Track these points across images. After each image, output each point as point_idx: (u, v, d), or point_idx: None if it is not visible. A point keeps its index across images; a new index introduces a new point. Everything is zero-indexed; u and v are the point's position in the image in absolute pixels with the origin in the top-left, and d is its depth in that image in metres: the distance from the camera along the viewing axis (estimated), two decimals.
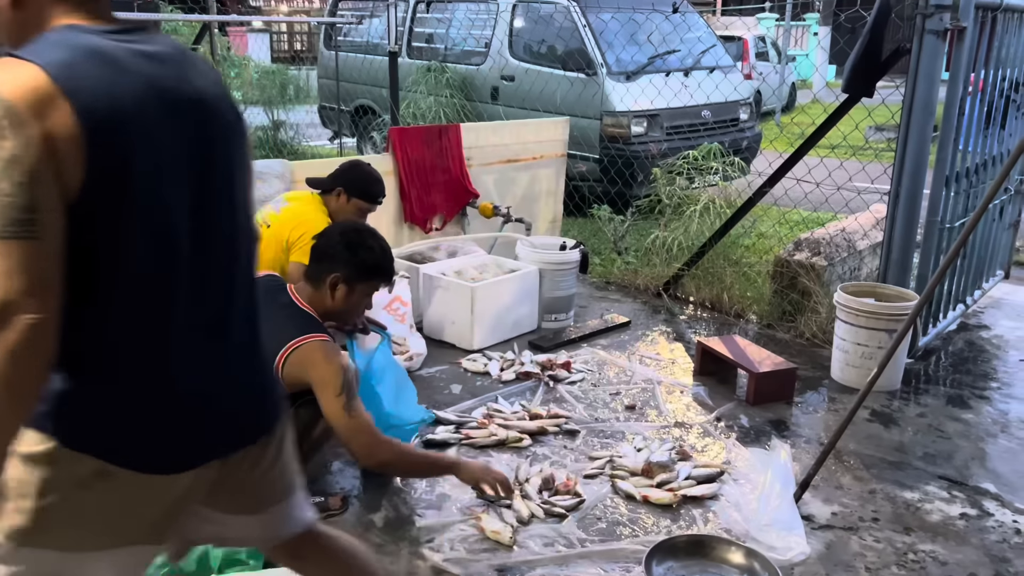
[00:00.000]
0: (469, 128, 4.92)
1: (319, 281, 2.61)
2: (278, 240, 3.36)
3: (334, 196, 3.50)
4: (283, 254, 3.35)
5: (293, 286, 2.66)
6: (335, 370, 2.40)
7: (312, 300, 2.62)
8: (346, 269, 2.60)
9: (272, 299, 2.60)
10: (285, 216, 3.43)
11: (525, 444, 3.19)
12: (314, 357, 2.42)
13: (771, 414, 3.54)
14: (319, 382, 2.40)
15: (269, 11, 25.25)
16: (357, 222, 2.85)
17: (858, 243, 4.69)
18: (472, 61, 8.32)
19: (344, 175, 3.53)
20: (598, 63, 7.16)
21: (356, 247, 2.63)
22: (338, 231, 2.70)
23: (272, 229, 3.38)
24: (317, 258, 2.66)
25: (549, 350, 4.11)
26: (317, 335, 2.47)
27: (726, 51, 8.39)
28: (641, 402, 3.61)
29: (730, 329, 4.54)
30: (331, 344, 2.48)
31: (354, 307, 2.71)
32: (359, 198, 3.53)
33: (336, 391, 2.38)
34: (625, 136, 7.04)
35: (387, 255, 2.72)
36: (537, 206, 5.40)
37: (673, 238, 5.34)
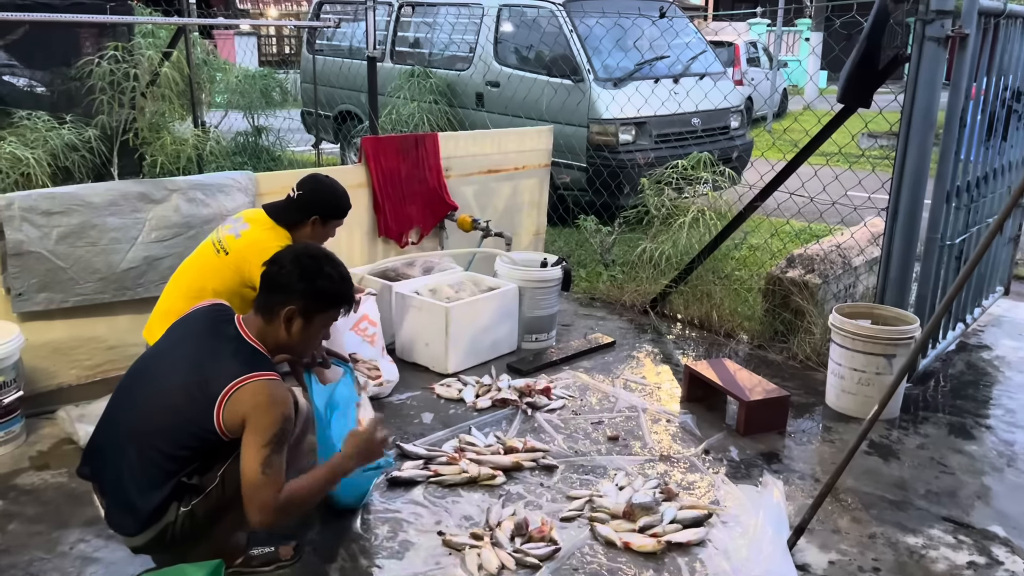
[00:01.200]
0: (447, 137, 4.69)
1: (271, 314, 2.37)
2: (237, 271, 3.05)
3: (308, 226, 3.16)
4: (243, 288, 3.05)
5: (241, 317, 2.42)
6: (273, 419, 2.18)
7: (263, 334, 2.38)
8: (302, 300, 2.37)
9: (217, 331, 2.37)
10: (245, 244, 3.08)
11: (498, 482, 2.96)
12: (257, 399, 2.19)
13: (763, 445, 3.32)
14: (253, 425, 2.17)
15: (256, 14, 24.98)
16: (311, 245, 2.59)
17: (854, 260, 4.48)
18: (457, 66, 8.10)
19: (314, 201, 3.17)
20: (584, 69, 6.95)
21: (313, 275, 2.39)
22: (291, 257, 2.44)
23: (231, 258, 3.07)
24: (269, 288, 2.41)
25: (528, 374, 3.88)
26: (264, 373, 2.24)
27: (716, 57, 8.19)
28: (625, 432, 3.39)
29: (720, 350, 4.32)
30: (279, 385, 2.25)
31: (311, 340, 2.48)
32: (336, 218, 3.25)
33: (264, 441, 2.16)
34: (612, 144, 6.83)
35: (346, 282, 2.49)
36: (519, 218, 5.18)
37: (661, 251, 5.14)
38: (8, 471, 2.94)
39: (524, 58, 7.59)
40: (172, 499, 2.24)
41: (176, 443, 2.22)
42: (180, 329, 2.47)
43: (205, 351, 2.31)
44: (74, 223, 3.42)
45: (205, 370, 2.24)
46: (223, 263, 3.07)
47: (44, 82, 9.47)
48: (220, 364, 2.25)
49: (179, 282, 3.14)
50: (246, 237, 3.10)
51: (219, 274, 3.04)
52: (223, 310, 2.48)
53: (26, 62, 9.83)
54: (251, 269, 2.96)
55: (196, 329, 2.41)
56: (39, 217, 3.34)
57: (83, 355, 3.56)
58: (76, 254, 3.44)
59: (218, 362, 2.26)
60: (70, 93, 7.50)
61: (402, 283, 4.01)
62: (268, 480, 2.15)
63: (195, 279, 3.08)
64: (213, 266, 3.07)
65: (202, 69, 9.00)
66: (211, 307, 2.50)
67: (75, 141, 6.12)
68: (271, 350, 2.39)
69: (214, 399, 2.17)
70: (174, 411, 2.22)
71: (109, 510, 2.28)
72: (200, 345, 2.34)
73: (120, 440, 2.27)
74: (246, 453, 2.16)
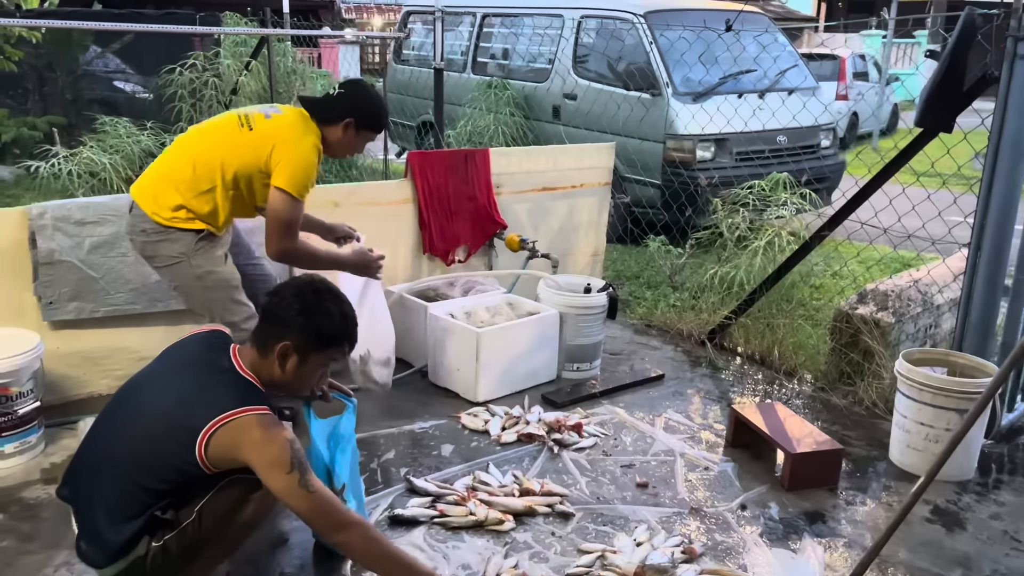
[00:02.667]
0: (499, 153, 4.52)
1: (266, 348, 2.26)
2: (255, 151, 2.89)
3: (340, 127, 3.00)
4: (256, 171, 2.90)
5: (237, 347, 2.31)
6: (280, 446, 2.06)
7: (257, 367, 2.27)
8: (298, 337, 2.24)
9: (210, 361, 2.26)
10: (273, 127, 2.93)
11: (506, 528, 2.75)
12: (251, 435, 2.07)
13: (808, 503, 3.00)
14: (263, 463, 2.06)
15: (362, 24, 25.54)
16: (317, 277, 2.45)
17: (935, 297, 4.06)
18: (536, 78, 7.95)
19: (354, 104, 3.00)
20: (663, 82, 6.67)
21: (312, 311, 2.26)
22: (293, 291, 2.32)
23: (253, 135, 2.91)
24: (267, 320, 2.31)
25: (563, 406, 3.66)
26: (254, 408, 2.12)
27: (816, 70, 7.73)
28: (656, 479, 3.12)
29: (778, 390, 3.99)
30: (269, 418, 2.13)
31: (306, 379, 2.35)
32: (370, 129, 3.08)
33: (286, 468, 2.05)
34: (689, 161, 6.52)
35: (348, 321, 2.34)
36: (576, 239, 4.95)
37: (732, 276, 4.81)
38: (18, 483, 2.93)
39: (602, 70, 7.37)
40: (144, 533, 2.15)
41: (153, 476, 2.12)
42: (173, 355, 2.38)
43: (193, 382, 2.22)
44: (107, 233, 3.41)
45: (191, 401, 2.14)
46: (244, 138, 2.91)
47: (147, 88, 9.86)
48: (208, 396, 2.14)
49: (188, 148, 2.95)
50: (276, 121, 2.96)
51: (236, 149, 2.89)
52: (219, 338, 2.38)
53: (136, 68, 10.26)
54: (272, 153, 2.86)
55: (189, 357, 2.32)
56: (72, 227, 3.35)
57: (114, 365, 3.56)
58: (108, 264, 3.44)
59: (206, 394, 2.16)
60: (159, 101, 7.75)
61: (437, 304, 3.86)
62: (319, 500, 2.08)
63: (208, 148, 2.91)
64: (232, 139, 2.91)
65: (290, 78, 9.15)
66: (208, 334, 2.41)
67: (152, 148, 6.26)
68: (265, 384, 2.28)
69: (197, 432, 2.07)
70: (154, 441, 2.12)
71: (79, 538, 2.21)
72: (190, 375, 2.24)
73: (97, 465, 2.19)
74: (279, 489, 2.07)
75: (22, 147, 8.18)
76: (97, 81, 10.09)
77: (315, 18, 23.48)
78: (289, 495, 2.07)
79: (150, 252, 2.91)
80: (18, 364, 2.96)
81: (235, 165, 2.88)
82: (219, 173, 2.87)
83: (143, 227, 2.88)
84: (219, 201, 2.89)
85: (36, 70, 9.22)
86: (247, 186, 2.92)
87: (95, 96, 9.69)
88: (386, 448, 3.26)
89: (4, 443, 2.99)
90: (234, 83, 7.36)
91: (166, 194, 2.86)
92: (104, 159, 5.81)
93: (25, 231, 3.29)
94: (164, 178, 2.89)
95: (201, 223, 2.88)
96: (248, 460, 2.08)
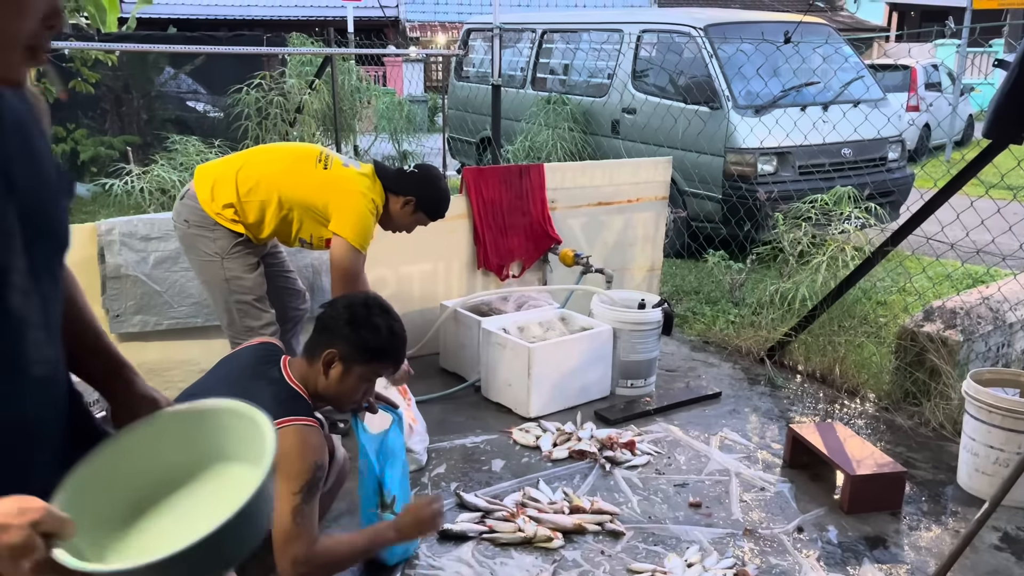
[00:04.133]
0: (554, 168, 4.52)
1: (315, 356, 2.30)
2: (323, 191, 2.98)
3: (400, 200, 3.12)
4: (314, 210, 2.99)
5: (288, 359, 2.36)
6: (305, 466, 2.09)
7: (305, 377, 2.31)
8: (344, 346, 2.27)
9: (261, 373, 2.31)
10: (347, 175, 3.04)
11: (555, 545, 2.73)
12: (287, 443, 2.10)
13: (869, 527, 2.90)
14: (283, 470, 2.08)
15: (426, 42, 25.92)
16: (372, 295, 2.49)
17: (1007, 315, 3.89)
18: (594, 93, 7.94)
19: (420, 187, 3.13)
20: (723, 95, 6.59)
21: (360, 323, 2.29)
22: (345, 303, 2.37)
23: (327, 174, 3.02)
24: (318, 330, 2.35)
25: (616, 423, 3.62)
26: (299, 419, 2.16)
27: (886, 81, 7.54)
28: (710, 499, 3.06)
29: (839, 409, 3.87)
30: (313, 431, 2.15)
31: (349, 391, 2.36)
32: (427, 214, 3.19)
33: (295, 488, 2.07)
34: (750, 175, 6.42)
35: (395, 338, 2.35)
36: (632, 253, 4.91)
37: (793, 292, 4.71)
38: None
39: (661, 84, 7.33)
40: None
41: None
42: (225, 366, 2.43)
43: (242, 392, 2.25)
44: (171, 248, 3.52)
45: None
46: (316, 174, 3.01)
47: (216, 107, 10.19)
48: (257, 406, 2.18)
49: (261, 160, 3.05)
50: (351, 172, 3.07)
51: (303, 180, 2.99)
52: (271, 351, 2.43)
53: (207, 88, 10.62)
54: (334, 199, 2.95)
55: (240, 368, 2.37)
56: (138, 242, 3.47)
57: (176, 376, 3.66)
58: (171, 278, 3.54)
59: (253, 403, 2.20)
60: (227, 119, 7.99)
61: (490, 319, 3.87)
62: (300, 531, 2.07)
63: (278, 169, 3.01)
64: (304, 171, 3.01)
65: (354, 96, 9.33)
66: (259, 346, 2.46)
67: None
68: (312, 395, 2.31)
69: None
70: None
71: None
72: (240, 385, 2.29)
73: None
74: (278, 502, 2.07)
75: (99, 165, 8.52)
76: (170, 101, 10.46)
77: (380, 37, 23.95)
78: (281, 512, 2.06)
79: (188, 243, 3.03)
80: None
81: (297, 195, 2.98)
82: (277, 194, 2.97)
83: (187, 217, 3.00)
84: (267, 217, 2.98)
85: (113, 92, 9.60)
86: (298, 217, 3.01)
87: (168, 116, 10.05)
88: (437, 462, 3.27)
89: None
90: (299, 102, 7.54)
91: (224, 189, 2.97)
92: (174, 176, 6.01)
93: (94, 246, 3.42)
94: (228, 176, 3.00)
95: (243, 228, 2.98)
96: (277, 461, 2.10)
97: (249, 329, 2.99)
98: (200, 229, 2.98)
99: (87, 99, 8.80)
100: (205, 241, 2.98)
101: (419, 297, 4.20)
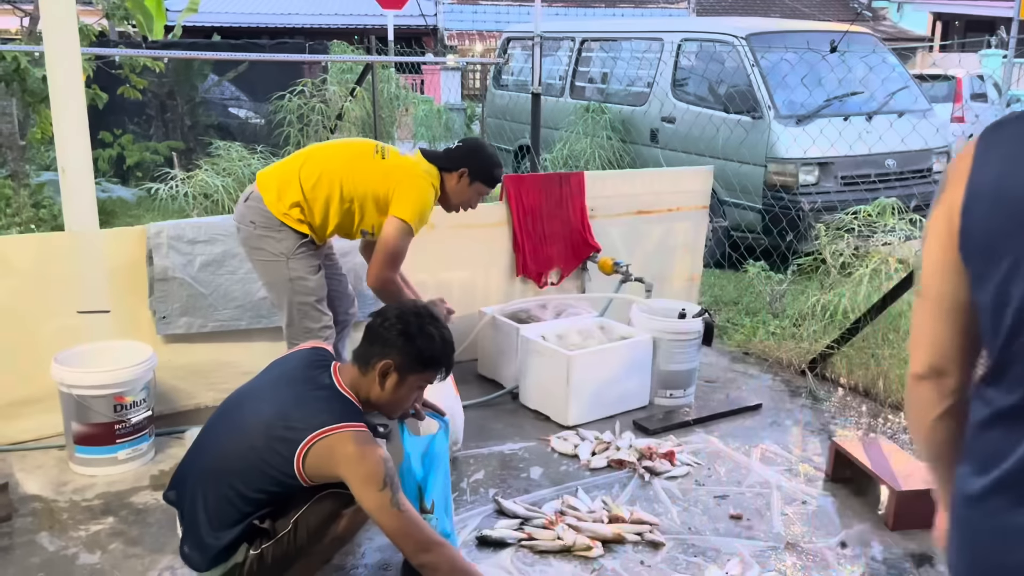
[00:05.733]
0: (594, 176, 4.52)
1: (367, 366, 2.34)
2: (384, 179, 3.05)
3: (455, 175, 3.19)
4: (376, 198, 3.05)
5: (338, 365, 2.39)
6: (375, 463, 2.14)
7: (356, 384, 2.35)
8: (400, 357, 2.32)
9: (310, 378, 2.35)
10: (404, 163, 3.12)
11: (594, 554, 2.71)
12: (346, 450, 2.14)
13: (915, 544, 2.84)
14: (358, 478, 2.14)
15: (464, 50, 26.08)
16: (420, 303, 2.53)
17: None
18: (634, 102, 7.93)
19: (469, 157, 3.20)
20: (765, 105, 6.54)
21: (414, 334, 2.34)
22: (396, 312, 2.41)
23: (387, 163, 3.09)
24: (369, 339, 2.39)
25: (655, 434, 3.59)
26: (351, 424, 2.19)
27: (930, 92, 7.43)
28: (751, 511, 3.02)
29: (883, 423, 3.81)
30: (365, 435, 2.20)
31: (402, 399, 2.42)
32: (482, 182, 3.24)
33: (379, 485, 2.12)
34: (791, 185, 6.35)
35: (447, 345, 2.42)
36: (671, 262, 4.88)
37: (835, 304, 4.64)
38: (128, 488, 3.08)
39: (702, 93, 7.29)
40: (242, 540, 2.23)
41: (252, 485, 2.20)
42: (276, 369, 2.47)
43: (293, 396, 2.30)
44: (216, 252, 3.58)
45: (290, 416, 2.22)
46: (375, 165, 3.09)
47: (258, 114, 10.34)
48: (307, 411, 2.22)
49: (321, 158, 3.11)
50: (408, 159, 3.17)
51: (364, 171, 3.06)
52: (322, 356, 2.46)
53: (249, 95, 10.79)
54: (397, 185, 3.03)
55: (291, 372, 2.41)
56: (185, 245, 3.52)
57: (220, 378, 3.71)
58: (216, 281, 3.60)
59: (305, 409, 2.24)
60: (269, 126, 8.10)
61: (529, 326, 3.87)
62: (408, 520, 2.14)
63: (339, 164, 3.08)
64: (364, 162, 3.09)
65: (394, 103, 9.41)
66: (311, 351, 2.50)
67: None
68: (363, 402, 2.34)
69: (296, 445, 2.15)
70: (254, 452, 2.21)
71: (183, 541, 2.31)
72: (291, 390, 2.33)
73: (201, 472, 2.30)
74: (370, 505, 2.14)
75: (144, 170, 8.70)
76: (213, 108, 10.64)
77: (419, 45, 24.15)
78: (380, 512, 2.12)
79: (254, 244, 3.08)
80: (133, 375, 3.12)
81: (359, 186, 3.04)
82: (339, 187, 3.03)
83: (253, 219, 3.05)
84: (331, 211, 3.05)
85: (159, 98, 9.79)
86: (360, 208, 3.07)
87: (211, 122, 10.23)
88: (476, 468, 3.27)
89: (118, 449, 3.15)
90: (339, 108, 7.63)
91: (289, 190, 3.03)
92: (217, 182, 6.11)
93: (143, 249, 3.49)
94: (292, 176, 3.06)
95: (308, 229, 3.04)
96: (343, 475, 2.15)
97: (308, 331, 3.04)
98: (266, 230, 3.04)
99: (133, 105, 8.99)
100: (271, 242, 3.04)
101: (458, 303, 4.17)
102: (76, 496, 3.01)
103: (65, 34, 3.31)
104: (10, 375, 3.30)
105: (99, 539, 2.74)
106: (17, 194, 6.57)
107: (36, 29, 7.42)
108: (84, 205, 3.43)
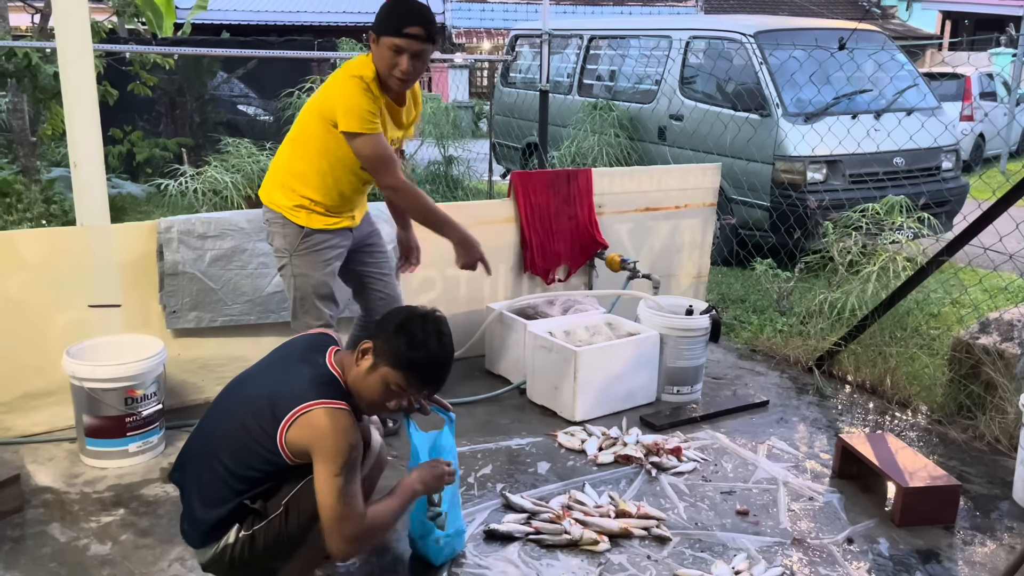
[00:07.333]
0: (601, 173, 4.53)
1: (354, 347, 2.36)
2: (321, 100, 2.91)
3: (373, 43, 2.86)
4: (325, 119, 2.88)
5: (335, 348, 2.40)
6: (339, 447, 2.12)
7: (344, 365, 2.35)
8: (382, 343, 2.28)
9: (308, 358, 2.36)
10: (331, 77, 3.01)
11: (601, 548, 2.72)
12: (319, 423, 2.14)
13: (921, 541, 2.84)
14: (320, 452, 2.13)
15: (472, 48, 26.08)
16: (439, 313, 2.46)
17: None
18: (641, 99, 7.93)
19: (377, 15, 2.88)
20: (773, 103, 6.54)
21: (405, 330, 2.28)
22: (408, 309, 2.40)
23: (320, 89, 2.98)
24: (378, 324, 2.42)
25: (662, 430, 3.60)
26: (331, 401, 2.18)
27: (939, 90, 7.42)
28: (757, 507, 3.03)
29: (890, 421, 3.81)
30: (343, 414, 2.16)
31: (370, 389, 2.28)
32: (388, 35, 2.80)
33: (335, 470, 2.11)
34: (799, 183, 6.35)
35: (432, 359, 2.30)
36: (679, 259, 4.89)
37: (842, 301, 4.64)
38: (138, 480, 3.10)
39: (710, 91, 7.29)
40: (234, 520, 2.23)
41: (241, 462, 2.22)
42: (278, 352, 2.49)
43: (285, 376, 2.31)
44: (226, 247, 3.60)
45: (277, 393, 2.23)
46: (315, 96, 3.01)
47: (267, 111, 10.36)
48: (292, 387, 2.23)
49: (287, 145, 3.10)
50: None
51: (311, 106, 2.98)
52: (323, 340, 2.47)
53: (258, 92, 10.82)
54: (328, 99, 2.87)
55: (290, 354, 2.43)
56: (195, 240, 3.55)
57: (229, 372, 3.67)
58: (226, 276, 3.62)
59: (291, 387, 2.24)
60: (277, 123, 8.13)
61: (536, 322, 3.88)
62: (348, 510, 2.13)
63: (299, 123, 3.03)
64: (309, 104, 3.02)
65: None
66: (315, 335, 2.51)
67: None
68: (348, 384, 2.33)
69: (279, 421, 2.16)
70: (244, 431, 2.22)
71: (182, 518, 2.34)
72: (283, 370, 2.34)
73: (198, 450, 2.33)
74: (320, 485, 2.13)
75: (154, 166, 8.73)
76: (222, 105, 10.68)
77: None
78: (325, 494, 2.11)
79: (269, 240, 3.15)
80: (144, 368, 3.15)
81: (314, 119, 2.92)
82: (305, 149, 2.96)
83: (266, 216, 3.13)
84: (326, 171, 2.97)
85: (168, 95, 9.83)
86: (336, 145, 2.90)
87: (220, 119, 10.26)
88: (483, 463, 3.29)
89: (129, 442, 3.18)
90: None
91: (276, 180, 3.07)
92: (226, 178, 6.14)
93: (154, 244, 3.51)
94: (276, 168, 3.10)
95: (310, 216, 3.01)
96: (309, 446, 2.14)
97: (308, 326, 3.04)
98: (273, 225, 3.08)
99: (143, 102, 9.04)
100: (277, 237, 3.07)
101: (465, 299, 4.22)
102: (87, 488, 3.04)
103: (77, 30, 3.33)
104: (22, 368, 3.33)
105: (110, 530, 2.77)
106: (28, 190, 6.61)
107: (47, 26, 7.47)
108: (96, 200, 3.46)
